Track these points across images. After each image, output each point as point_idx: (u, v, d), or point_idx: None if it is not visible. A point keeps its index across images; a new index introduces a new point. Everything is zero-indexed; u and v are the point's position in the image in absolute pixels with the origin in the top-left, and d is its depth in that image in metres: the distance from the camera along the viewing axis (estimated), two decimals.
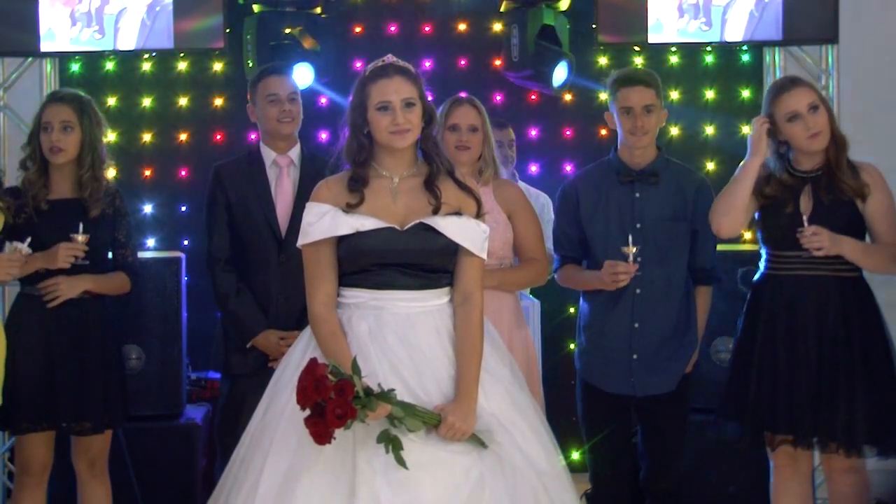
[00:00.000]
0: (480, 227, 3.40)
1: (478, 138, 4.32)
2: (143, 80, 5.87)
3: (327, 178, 3.48)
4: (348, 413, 3.05)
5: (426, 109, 3.41)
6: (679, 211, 4.30)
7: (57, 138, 4.25)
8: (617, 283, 4.16)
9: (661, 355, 4.28)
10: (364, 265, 3.35)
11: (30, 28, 5.46)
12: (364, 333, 3.32)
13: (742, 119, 5.90)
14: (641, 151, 4.32)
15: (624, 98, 4.27)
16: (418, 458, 3.15)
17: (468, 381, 3.29)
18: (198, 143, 5.86)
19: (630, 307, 4.27)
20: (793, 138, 4.04)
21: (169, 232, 5.75)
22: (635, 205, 4.28)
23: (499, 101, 5.90)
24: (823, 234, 3.93)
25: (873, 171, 4.06)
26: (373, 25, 5.93)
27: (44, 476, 4.29)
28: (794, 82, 4.11)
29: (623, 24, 5.59)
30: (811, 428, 3.95)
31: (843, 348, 3.96)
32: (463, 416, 3.22)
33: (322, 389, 3.05)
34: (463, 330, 3.36)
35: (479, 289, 3.41)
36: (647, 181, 4.30)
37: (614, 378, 4.31)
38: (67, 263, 4.15)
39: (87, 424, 4.24)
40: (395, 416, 3.15)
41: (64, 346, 4.22)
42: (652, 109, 4.27)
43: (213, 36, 5.52)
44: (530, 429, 3.36)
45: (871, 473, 4.31)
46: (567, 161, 5.90)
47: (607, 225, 4.29)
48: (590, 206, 4.35)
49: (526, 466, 3.26)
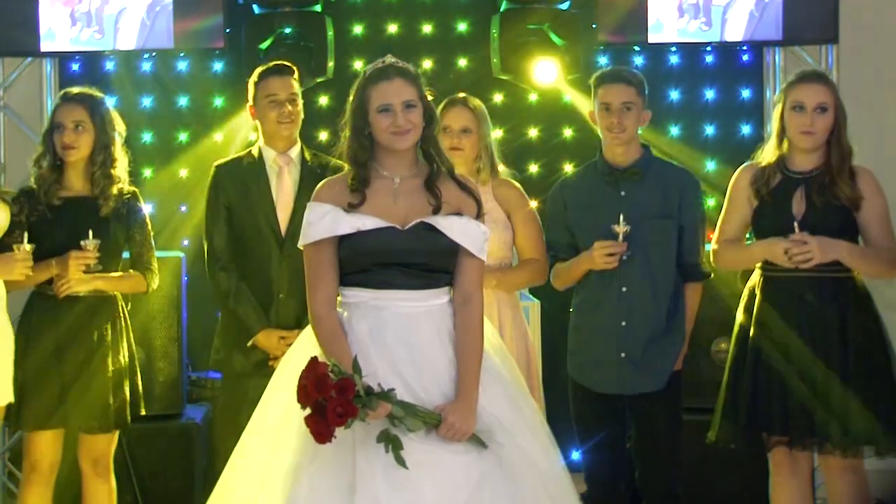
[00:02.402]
0: (480, 228, 3.41)
1: (471, 140, 4.32)
2: (143, 80, 5.87)
3: (329, 178, 3.50)
4: (349, 412, 3.05)
5: (426, 110, 3.41)
6: (665, 208, 4.28)
7: (69, 138, 4.30)
8: (608, 263, 4.16)
9: (649, 353, 4.27)
10: (365, 265, 3.36)
11: (30, 28, 5.47)
12: (364, 333, 3.32)
13: (742, 119, 5.90)
14: (624, 150, 4.31)
15: (603, 95, 4.29)
16: (418, 458, 3.15)
17: (468, 382, 3.30)
18: (198, 143, 5.86)
19: (617, 305, 4.26)
20: (789, 126, 4.05)
21: (169, 232, 5.75)
22: (622, 203, 4.27)
23: (499, 101, 5.90)
24: (812, 244, 3.92)
25: (868, 176, 4.06)
26: (373, 25, 5.93)
27: (52, 475, 4.30)
28: (818, 77, 4.13)
29: (623, 23, 5.60)
30: (807, 429, 3.95)
31: (839, 348, 3.96)
32: (463, 417, 3.23)
33: (323, 388, 3.05)
34: (463, 331, 3.36)
35: (480, 289, 3.42)
36: (631, 179, 4.29)
37: (604, 378, 4.30)
38: (78, 272, 4.18)
39: (96, 423, 4.27)
40: (395, 416, 3.15)
41: (75, 345, 4.24)
42: (631, 108, 4.27)
43: (213, 36, 5.53)
44: (530, 429, 3.36)
45: (871, 473, 4.31)
46: (567, 161, 5.90)
47: (595, 225, 4.27)
48: (577, 209, 4.35)
49: (527, 467, 3.26)
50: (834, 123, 4.04)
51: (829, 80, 4.17)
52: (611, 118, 4.26)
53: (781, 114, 4.09)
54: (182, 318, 5.23)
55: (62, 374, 4.22)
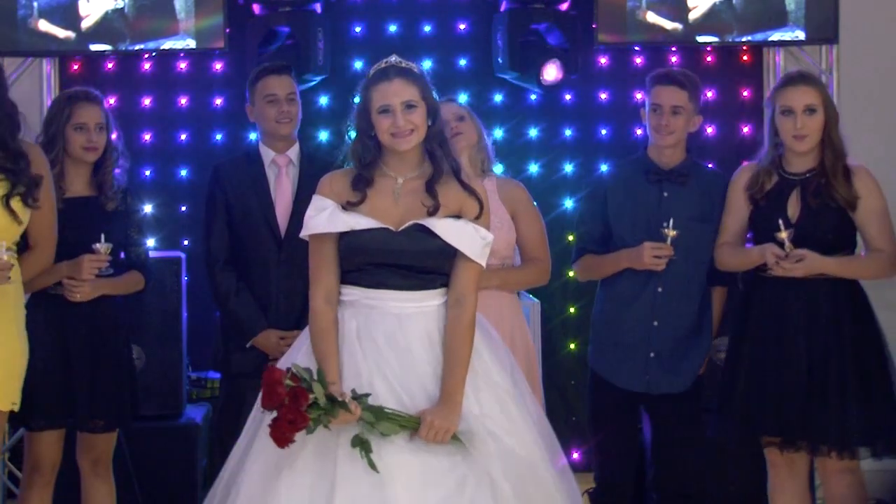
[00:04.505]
0: (479, 232, 3.39)
1: (467, 125, 4.33)
2: (143, 80, 5.87)
3: (332, 172, 3.51)
4: (298, 420, 3.10)
5: (430, 109, 3.40)
6: (707, 213, 4.29)
7: (95, 138, 4.29)
8: (656, 264, 4.17)
9: (677, 354, 4.29)
10: (358, 264, 3.37)
11: (29, 28, 5.46)
12: (353, 332, 3.35)
13: (742, 119, 5.89)
14: (670, 151, 4.33)
15: (655, 95, 4.30)
16: (397, 459, 3.17)
17: (452, 384, 3.29)
18: (198, 143, 5.85)
19: (651, 304, 4.28)
20: (781, 132, 4.04)
21: (169, 232, 5.75)
22: (663, 204, 4.29)
23: (499, 102, 5.89)
24: (798, 269, 3.90)
25: (865, 175, 4.04)
26: (373, 25, 5.92)
27: (53, 475, 4.29)
28: (803, 79, 4.09)
29: (623, 24, 5.60)
30: (801, 430, 3.94)
31: (835, 349, 3.95)
32: (444, 417, 3.22)
33: (274, 396, 3.13)
34: (452, 332, 3.35)
35: (473, 293, 3.40)
36: (676, 181, 4.31)
37: (628, 374, 4.32)
38: (91, 276, 4.17)
39: (100, 422, 4.27)
40: (366, 421, 3.18)
41: (79, 344, 4.24)
42: (680, 111, 4.28)
43: (213, 36, 5.53)
44: (529, 432, 3.35)
45: (870, 473, 4.31)
46: (567, 161, 5.90)
47: (634, 222, 4.31)
48: (617, 204, 4.37)
49: (517, 471, 3.24)
50: (825, 123, 4.03)
51: (815, 79, 4.14)
52: (659, 119, 4.27)
53: (772, 118, 4.08)
54: (182, 318, 5.23)
55: (67, 373, 4.21)
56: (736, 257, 4.15)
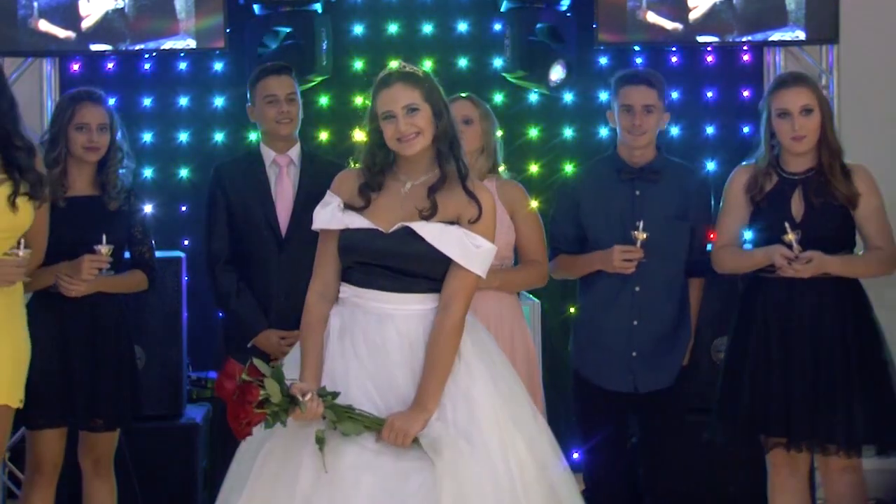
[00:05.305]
0: (475, 241, 3.37)
1: (471, 130, 4.31)
2: (143, 80, 5.87)
3: (348, 170, 3.60)
4: (241, 415, 3.16)
5: (436, 110, 3.40)
6: (680, 209, 4.30)
7: (97, 138, 4.29)
8: (625, 267, 4.16)
9: (659, 351, 4.29)
10: (349, 262, 3.43)
11: (29, 28, 5.46)
12: (335, 328, 3.41)
13: (742, 119, 5.89)
14: (641, 151, 4.33)
15: (625, 96, 4.29)
16: (355, 461, 3.19)
17: (425, 388, 3.29)
18: (198, 143, 5.85)
19: (629, 305, 4.28)
20: (779, 134, 4.05)
21: (169, 232, 5.74)
22: (636, 202, 4.29)
23: (499, 102, 5.89)
24: (808, 267, 3.90)
25: (864, 174, 4.05)
26: (373, 25, 5.92)
27: (55, 474, 4.29)
28: (796, 80, 4.10)
29: (623, 24, 5.60)
30: (807, 430, 3.94)
31: (840, 349, 3.96)
32: (407, 421, 3.22)
33: (221, 390, 3.22)
34: (433, 336, 3.35)
35: (461, 300, 3.37)
36: (648, 179, 4.31)
37: (613, 375, 4.32)
38: (91, 276, 4.16)
39: (101, 421, 4.28)
40: (329, 419, 3.22)
41: (79, 343, 4.24)
42: (652, 110, 4.28)
43: (213, 36, 5.53)
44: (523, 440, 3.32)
45: (870, 473, 4.31)
46: (567, 161, 5.90)
47: (608, 222, 4.30)
48: (590, 204, 4.36)
49: (489, 482, 3.20)
50: (821, 122, 4.03)
51: (808, 79, 4.13)
52: (633, 119, 4.27)
53: (768, 121, 4.08)
54: (182, 318, 5.23)
55: (67, 372, 4.22)
56: (738, 260, 4.14)
